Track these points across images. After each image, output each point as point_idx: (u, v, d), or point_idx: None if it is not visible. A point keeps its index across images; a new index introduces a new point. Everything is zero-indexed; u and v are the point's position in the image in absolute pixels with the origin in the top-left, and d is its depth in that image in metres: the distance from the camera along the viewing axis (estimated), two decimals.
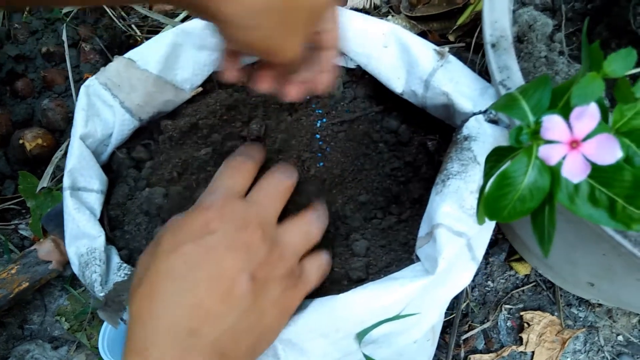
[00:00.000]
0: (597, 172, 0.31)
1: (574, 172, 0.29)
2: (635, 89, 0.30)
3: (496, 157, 0.36)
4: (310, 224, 0.45)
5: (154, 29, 0.82)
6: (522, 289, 0.69)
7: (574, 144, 0.29)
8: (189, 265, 0.36)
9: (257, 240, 0.38)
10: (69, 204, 0.47)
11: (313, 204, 0.48)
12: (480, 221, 0.41)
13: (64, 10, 0.83)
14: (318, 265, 0.45)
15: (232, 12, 0.33)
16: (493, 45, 0.45)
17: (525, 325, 0.68)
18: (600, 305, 0.68)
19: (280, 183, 0.45)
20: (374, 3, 0.77)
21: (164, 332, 0.34)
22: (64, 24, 0.82)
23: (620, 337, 0.68)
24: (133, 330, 0.35)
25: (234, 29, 0.34)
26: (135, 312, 0.35)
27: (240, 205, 0.41)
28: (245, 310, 0.37)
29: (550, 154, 0.30)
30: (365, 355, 0.46)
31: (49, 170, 0.74)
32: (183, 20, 0.81)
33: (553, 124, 0.29)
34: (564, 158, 0.29)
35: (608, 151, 0.28)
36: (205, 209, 0.40)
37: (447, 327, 0.68)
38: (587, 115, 0.29)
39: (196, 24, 0.52)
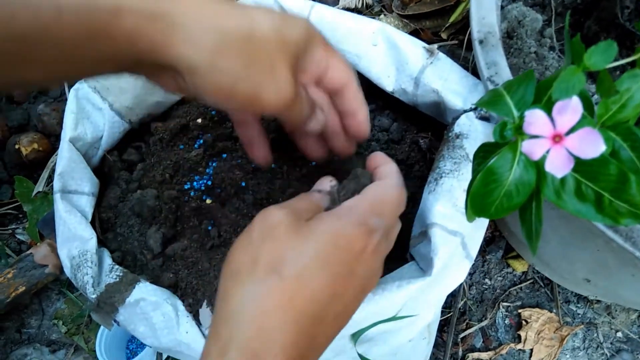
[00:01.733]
0: (583, 167, 0.31)
1: (557, 166, 0.29)
2: (618, 82, 0.30)
3: (483, 153, 0.36)
4: None
5: None
6: (519, 286, 0.69)
7: (557, 138, 0.29)
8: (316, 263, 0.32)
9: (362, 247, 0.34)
10: (60, 207, 0.47)
11: None
12: (470, 218, 0.40)
13: None
14: None
15: (189, 55, 0.31)
16: (481, 42, 0.45)
17: (524, 322, 0.68)
18: (598, 301, 0.68)
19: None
20: (366, 2, 0.77)
21: (275, 338, 0.31)
22: None
23: (619, 334, 0.67)
24: (230, 325, 0.31)
25: (198, 77, 0.32)
26: (235, 308, 0.31)
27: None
28: (362, 287, 0.34)
29: (533, 148, 0.29)
30: (359, 355, 0.46)
31: (45, 174, 0.74)
32: None
33: (535, 118, 0.29)
34: (547, 152, 0.29)
35: (591, 145, 0.28)
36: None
37: (444, 325, 0.67)
38: (570, 109, 0.28)
39: None
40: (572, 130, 0.29)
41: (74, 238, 0.47)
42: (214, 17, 0.32)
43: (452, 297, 0.68)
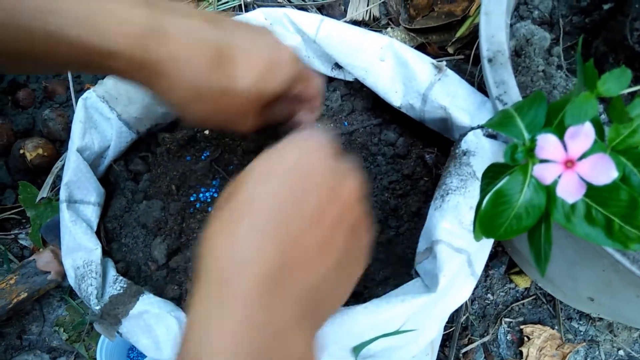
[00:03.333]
0: (593, 191, 0.31)
1: (569, 192, 0.29)
2: (630, 108, 0.30)
3: (492, 173, 0.36)
4: None
5: None
6: (522, 302, 0.69)
7: (569, 164, 0.29)
8: (286, 201, 0.30)
9: (356, 194, 0.34)
10: (66, 217, 0.47)
11: None
12: (477, 238, 0.40)
13: None
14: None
15: (172, 99, 0.37)
16: (490, 60, 0.45)
17: (526, 339, 0.67)
18: (601, 319, 0.68)
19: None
20: (374, 15, 0.77)
21: (250, 260, 0.28)
22: None
23: (621, 352, 0.67)
24: (209, 257, 0.29)
25: (180, 111, 0.39)
26: (214, 238, 0.29)
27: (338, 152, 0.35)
28: (336, 265, 0.31)
29: (545, 173, 0.29)
30: None
31: (49, 180, 0.74)
32: None
33: (547, 143, 0.29)
34: (559, 177, 0.29)
35: (603, 171, 0.28)
36: (303, 139, 0.34)
37: (446, 340, 0.67)
38: (582, 135, 0.28)
39: None
40: (584, 155, 0.29)
41: (79, 248, 0.47)
42: (195, 73, 0.36)
43: (454, 312, 0.67)
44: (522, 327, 0.68)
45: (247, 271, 0.27)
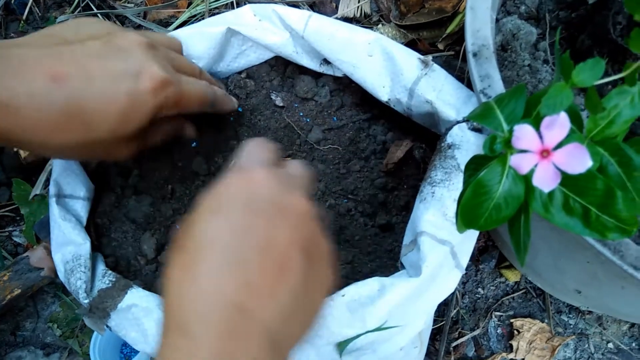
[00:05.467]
0: (571, 181, 0.31)
1: (545, 181, 0.29)
2: (606, 98, 0.31)
3: (474, 165, 0.36)
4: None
5: None
6: (512, 296, 0.69)
7: (545, 153, 0.29)
8: (236, 233, 0.30)
9: (305, 210, 0.33)
10: (55, 212, 0.48)
11: None
12: (460, 229, 0.41)
13: (59, 20, 0.83)
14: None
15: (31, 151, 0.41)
16: (475, 54, 0.45)
17: (516, 332, 0.68)
18: (590, 312, 0.68)
19: (308, 171, 0.39)
20: (364, 12, 0.77)
21: (209, 307, 0.28)
22: None
23: (610, 345, 0.68)
24: (171, 305, 0.29)
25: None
26: (173, 285, 0.30)
27: (282, 172, 0.35)
28: (297, 290, 0.31)
29: (521, 163, 0.30)
30: None
31: (42, 177, 0.75)
32: (176, 29, 0.81)
33: (524, 133, 0.29)
34: (535, 167, 0.30)
35: (578, 160, 0.28)
36: (247, 171, 0.34)
37: (437, 334, 0.68)
38: (557, 125, 0.29)
39: (181, 34, 0.52)
40: (559, 145, 0.29)
41: (68, 242, 0.47)
42: (43, 138, 0.36)
43: (444, 306, 0.68)
44: (512, 320, 0.68)
45: (208, 319, 0.28)
